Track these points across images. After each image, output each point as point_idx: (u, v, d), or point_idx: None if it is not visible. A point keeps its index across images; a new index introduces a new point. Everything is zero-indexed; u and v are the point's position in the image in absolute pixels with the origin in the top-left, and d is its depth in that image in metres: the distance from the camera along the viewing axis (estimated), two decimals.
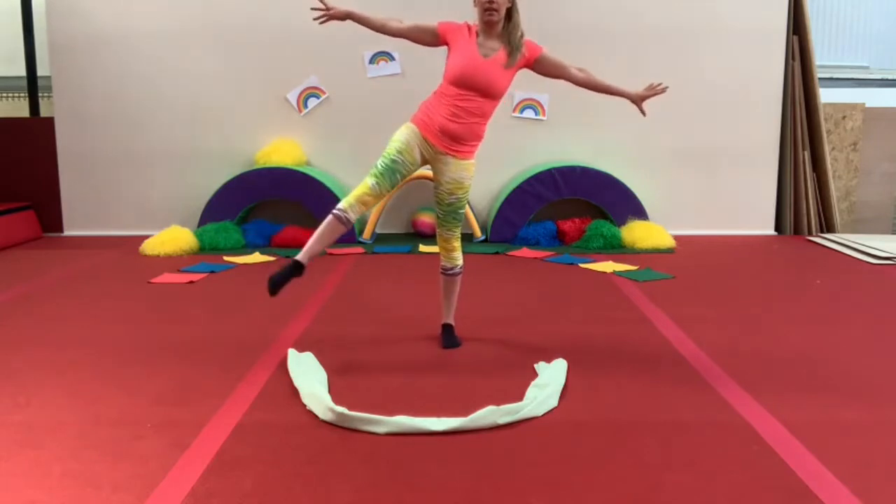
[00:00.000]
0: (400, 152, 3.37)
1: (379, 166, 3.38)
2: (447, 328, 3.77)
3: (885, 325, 4.13)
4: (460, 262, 3.65)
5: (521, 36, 3.36)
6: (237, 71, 6.93)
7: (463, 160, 3.42)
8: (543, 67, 3.44)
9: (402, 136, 3.40)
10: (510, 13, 3.33)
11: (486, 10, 3.26)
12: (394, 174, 3.37)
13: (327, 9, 3.37)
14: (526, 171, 6.87)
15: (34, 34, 7.30)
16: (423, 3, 5.62)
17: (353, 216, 3.35)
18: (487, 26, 3.32)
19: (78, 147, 7.06)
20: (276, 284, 3.32)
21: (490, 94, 3.33)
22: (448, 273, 3.65)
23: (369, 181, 3.37)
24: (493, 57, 3.32)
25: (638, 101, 3.59)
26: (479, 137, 3.44)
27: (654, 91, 3.57)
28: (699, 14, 6.87)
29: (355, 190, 3.39)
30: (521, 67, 3.42)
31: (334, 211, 3.35)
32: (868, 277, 5.33)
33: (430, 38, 3.42)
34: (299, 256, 3.37)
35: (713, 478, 2.38)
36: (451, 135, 3.36)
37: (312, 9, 3.39)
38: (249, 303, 4.64)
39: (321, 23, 3.41)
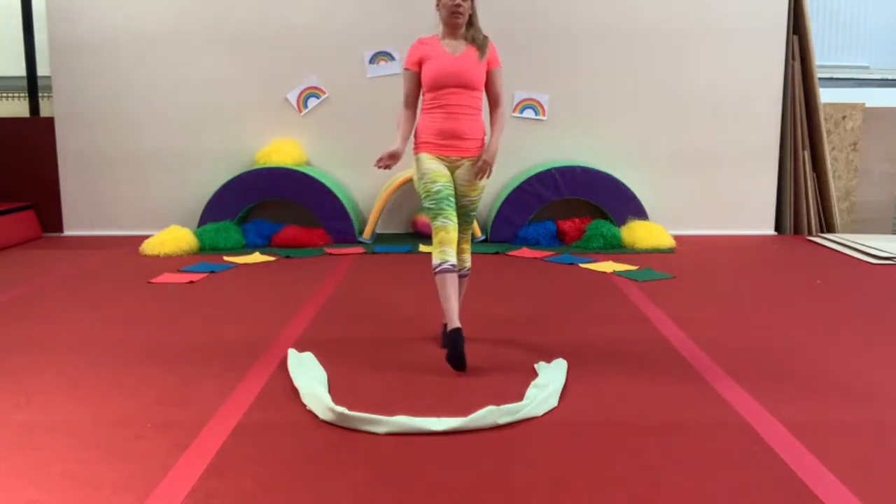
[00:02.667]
0: (434, 181, 3.40)
1: (431, 206, 3.40)
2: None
3: (886, 325, 4.13)
4: (469, 263, 3.67)
5: (485, 38, 3.49)
6: (237, 71, 6.93)
7: (476, 161, 3.48)
8: (488, 80, 3.51)
9: (422, 167, 3.45)
10: (470, 18, 3.47)
11: (453, 12, 3.39)
12: (448, 198, 3.40)
13: (388, 159, 3.39)
14: (526, 171, 6.87)
15: (34, 34, 7.31)
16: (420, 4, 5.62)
17: (452, 259, 3.36)
18: (452, 28, 3.45)
19: (78, 147, 7.06)
20: (460, 360, 3.27)
21: (469, 85, 3.41)
22: (458, 274, 3.60)
23: (437, 222, 3.39)
24: (464, 52, 3.44)
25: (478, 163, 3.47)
26: (481, 130, 3.51)
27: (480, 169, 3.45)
28: (699, 14, 6.87)
29: (434, 240, 3.40)
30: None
31: (437, 271, 3.36)
32: (868, 277, 5.33)
33: (414, 80, 3.50)
34: (453, 323, 3.34)
35: (713, 478, 2.38)
36: (453, 134, 3.43)
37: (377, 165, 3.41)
38: (249, 303, 4.64)
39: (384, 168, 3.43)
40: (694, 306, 4.50)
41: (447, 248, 3.38)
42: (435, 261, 3.39)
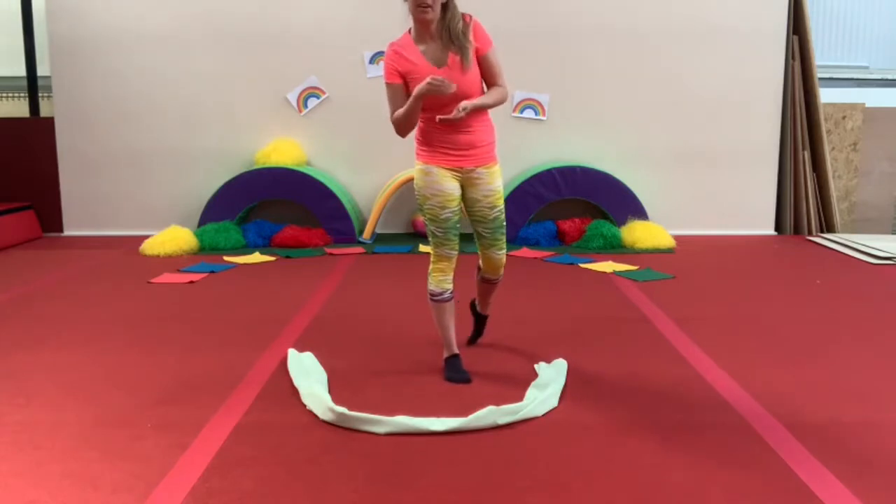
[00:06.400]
0: (444, 206, 3.17)
1: (438, 234, 3.20)
2: (480, 318, 3.69)
3: (885, 325, 4.12)
4: (502, 272, 3.45)
5: (465, 29, 3.05)
6: (237, 71, 6.93)
7: (492, 167, 3.22)
8: (481, 67, 3.13)
9: (432, 184, 3.16)
10: (445, 6, 3.03)
11: (419, 5, 2.97)
12: (453, 228, 3.21)
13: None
14: (526, 171, 6.87)
15: (34, 34, 7.30)
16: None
17: (449, 287, 3.25)
18: (422, 25, 3.05)
19: (78, 147, 7.06)
20: (462, 378, 3.22)
21: (466, 97, 3.06)
22: (492, 282, 3.48)
23: (441, 251, 3.22)
24: (449, 61, 3.06)
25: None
26: (492, 130, 3.23)
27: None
28: (699, 14, 6.87)
29: (434, 266, 3.24)
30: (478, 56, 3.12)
31: (437, 300, 3.24)
32: (868, 277, 5.33)
33: (402, 94, 3.12)
34: (449, 349, 3.31)
35: (713, 478, 2.38)
36: (464, 145, 3.14)
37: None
38: (249, 303, 4.64)
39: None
40: (694, 306, 4.50)
41: (449, 276, 3.25)
42: (434, 288, 3.24)
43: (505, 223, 3.33)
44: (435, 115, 3.08)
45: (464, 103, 3.02)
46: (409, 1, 3.01)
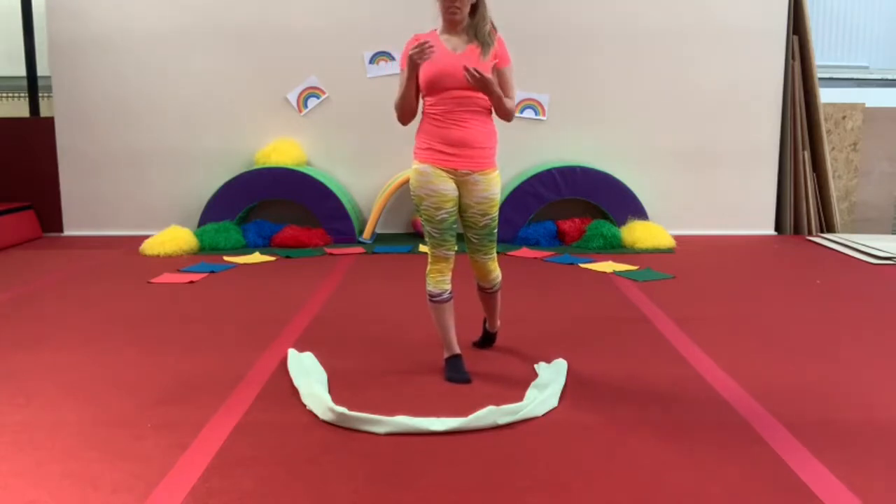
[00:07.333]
0: (439, 206, 3.16)
1: (433, 234, 3.21)
2: (488, 335, 3.70)
3: (885, 325, 4.12)
4: (500, 277, 3.43)
5: (490, 31, 3.14)
6: (237, 71, 6.93)
7: (489, 173, 3.19)
8: (496, 79, 3.13)
9: (426, 184, 3.16)
10: (475, 7, 3.12)
11: (449, 8, 3.07)
12: (449, 228, 3.21)
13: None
14: (526, 171, 6.87)
15: (34, 34, 7.31)
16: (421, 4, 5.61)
17: (447, 287, 3.25)
18: (451, 24, 3.13)
19: (78, 147, 7.06)
20: (463, 378, 3.21)
21: (471, 86, 3.04)
22: (490, 292, 3.47)
23: (438, 252, 3.23)
24: (465, 51, 3.11)
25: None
26: (492, 135, 3.20)
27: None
28: (699, 14, 6.87)
29: (432, 267, 3.25)
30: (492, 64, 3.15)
31: (436, 301, 3.25)
32: (868, 277, 5.33)
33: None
34: (450, 350, 3.29)
35: (713, 478, 2.38)
36: (460, 142, 3.11)
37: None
38: (249, 303, 4.64)
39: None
40: (694, 306, 4.50)
41: (447, 276, 3.25)
42: (433, 289, 3.24)
43: (496, 231, 3.31)
44: (438, 106, 3.11)
45: (479, 70, 2.98)
46: (440, 1, 3.09)
